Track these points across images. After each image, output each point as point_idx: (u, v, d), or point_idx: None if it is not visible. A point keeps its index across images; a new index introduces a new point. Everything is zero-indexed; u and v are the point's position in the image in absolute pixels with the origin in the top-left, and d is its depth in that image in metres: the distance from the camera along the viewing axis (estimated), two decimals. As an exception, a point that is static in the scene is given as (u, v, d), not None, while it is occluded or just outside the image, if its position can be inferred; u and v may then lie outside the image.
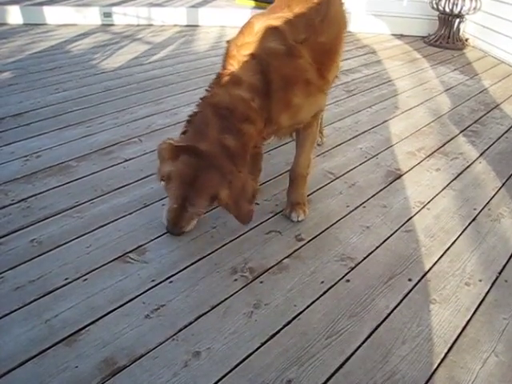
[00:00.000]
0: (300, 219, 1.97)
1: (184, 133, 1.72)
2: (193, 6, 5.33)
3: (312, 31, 1.75)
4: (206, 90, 1.73)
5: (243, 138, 1.62)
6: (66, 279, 1.62)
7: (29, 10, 4.89)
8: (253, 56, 1.63)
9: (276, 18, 1.70)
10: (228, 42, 1.77)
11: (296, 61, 1.68)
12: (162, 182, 1.74)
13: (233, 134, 1.61)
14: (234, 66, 1.66)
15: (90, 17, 5.01)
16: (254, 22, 1.70)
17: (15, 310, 1.49)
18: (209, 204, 1.69)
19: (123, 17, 5.07)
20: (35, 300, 1.53)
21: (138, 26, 5.08)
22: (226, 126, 1.60)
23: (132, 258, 1.73)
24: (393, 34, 5.20)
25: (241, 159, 1.64)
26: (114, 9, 5.07)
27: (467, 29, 4.94)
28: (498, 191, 2.28)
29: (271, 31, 1.65)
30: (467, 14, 4.64)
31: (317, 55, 1.75)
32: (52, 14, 4.94)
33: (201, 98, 1.72)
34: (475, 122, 3.05)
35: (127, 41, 4.52)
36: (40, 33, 4.64)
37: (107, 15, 5.04)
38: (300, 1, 1.80)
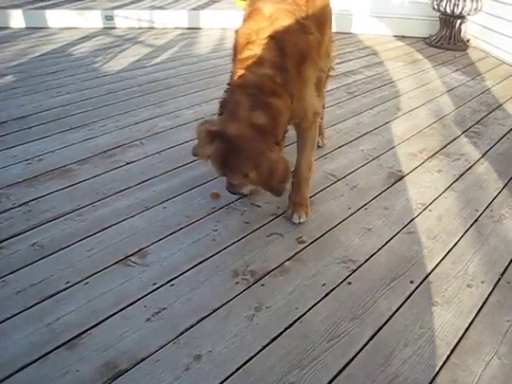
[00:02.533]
0: (302, 221, 1.97)
1: (220, 114, 1.82)
2: (194, 9, 5.34)
3: (309, 7, 1.87)
4: (230, 76, 1.82)
5: (273, 112, 1.71)
6: (68, 283, 1.62)
7: (31, 13, 4.92)
8: (271, 37, 1.73)
9: (281, 1, 1.81)
10: (237, 31, 1.85)
11: (308, 37, 1.80)
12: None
13: (262, 109, 1.69)
14: (254, 50, 1.74)
15: (92, 20, 5.03)
16: (262, 7, 1.80)
17: (16, 314, 1.49)
18: (244, 180, 1.79)
19: (125, 20, 5.09)
20: (37, 304, 1.53)
21: (140, 28, 5.10)
22: (256, 103, 1.69)
23: (133, 262, 1.73)
24: (394, 36, 5.19)
25: (272, 135, 1.73)
26: (116, 12, 5.09)
27: (468, 30, 4.93)
28: (500, 192, 2.27)
29: (282, 12, 1.77)
30: (468, 14, 4.63)
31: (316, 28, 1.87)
32: (54, 18, 4.96)
33: (228, 84, 1.82)
34: (477, 123, 3.05)
35: (129, 44, 4.53)
36: (42, 36, 4.66)
37: (109, 18, 5.06)
38: None
